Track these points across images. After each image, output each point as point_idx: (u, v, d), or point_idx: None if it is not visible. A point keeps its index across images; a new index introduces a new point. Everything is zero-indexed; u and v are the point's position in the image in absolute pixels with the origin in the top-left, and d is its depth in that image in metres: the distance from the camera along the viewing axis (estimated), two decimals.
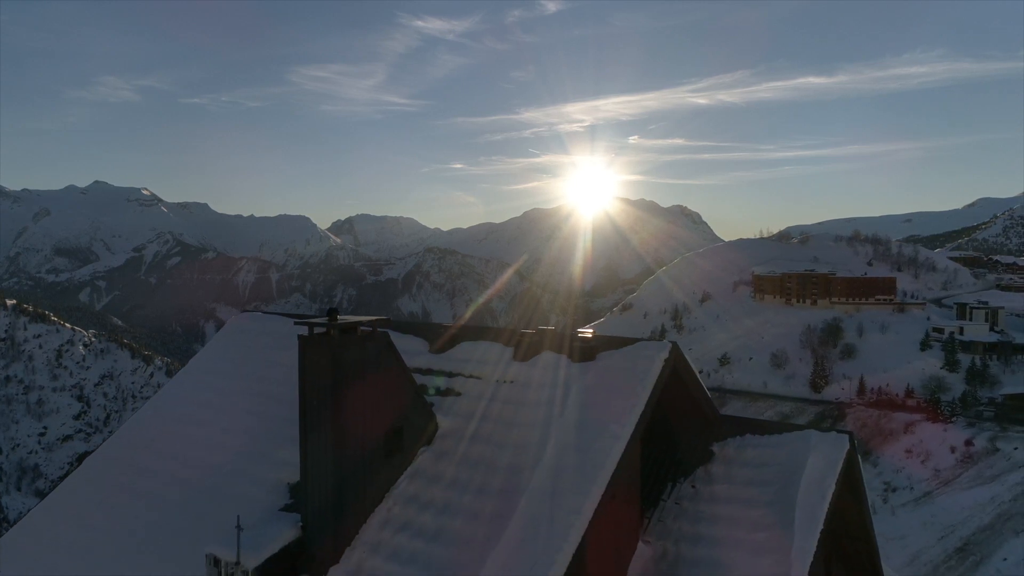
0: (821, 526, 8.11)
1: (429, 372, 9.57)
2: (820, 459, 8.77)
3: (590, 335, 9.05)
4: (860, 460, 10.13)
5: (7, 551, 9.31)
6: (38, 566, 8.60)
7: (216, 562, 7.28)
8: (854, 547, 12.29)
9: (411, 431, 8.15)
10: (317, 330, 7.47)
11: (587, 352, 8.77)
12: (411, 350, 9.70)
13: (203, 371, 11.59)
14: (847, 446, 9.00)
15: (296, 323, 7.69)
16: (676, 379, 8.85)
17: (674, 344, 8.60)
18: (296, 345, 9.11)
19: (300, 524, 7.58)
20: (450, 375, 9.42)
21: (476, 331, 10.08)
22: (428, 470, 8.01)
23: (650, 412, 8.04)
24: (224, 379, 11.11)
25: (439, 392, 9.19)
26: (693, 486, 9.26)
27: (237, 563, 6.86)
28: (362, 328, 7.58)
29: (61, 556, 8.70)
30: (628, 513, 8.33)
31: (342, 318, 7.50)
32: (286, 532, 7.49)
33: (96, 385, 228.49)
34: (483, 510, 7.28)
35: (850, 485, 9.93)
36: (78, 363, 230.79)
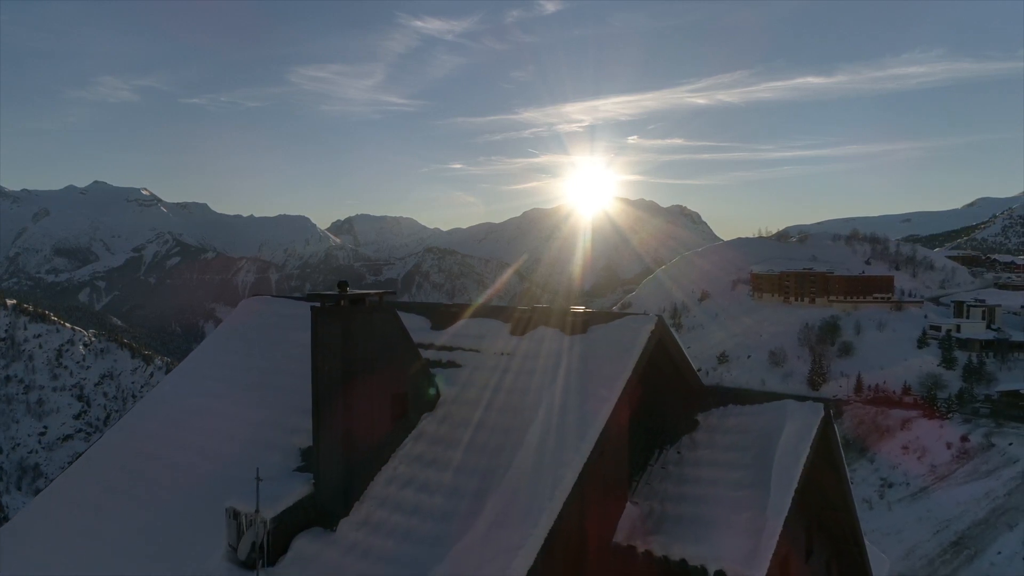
0: (796, 484, 8.72)
1: (431, 347, 10.18)
2: (796, 425, 9.39)
3: (583, 310, 9.67)
4: (837, 428, 10.74)
5: (39, 509, 9.91)
6: (71, 522, 9.22)
7: (236, 515, 7.90)
8: (835, 518, 12.92)
9: (415, 397, 8.77)
10: (328, 302, 8.08)
11: (579, 325, 9.39)
12: (413, 327, 10.28)
13: (216, 350, 12.21)
14: (822, 413, 9.60)
15: (309, 295, 8.29)
16: (662, 350, 9.46)
17: (659, 317, 9.22)
18: (304, 324, 9.72)
19: (313, 482, 8.19)
20: (451, 349, 10.04)
21: (475, 309, 10.70)
22: (431, 433, 8.62)
23: (637, 378, 8.66)
24: (237, 357, 11.72)
25: (442, 365, 9.81)
26: (679, 452, 9.88)
27: (256, 511, 7.47)
28: (370, 300, 8.20)
29: (88, 517, 9.31)
30: (616, 473, 8.94)
31: (351, 291, 8.11)
32: (300, 488, 8.11)
33: (96, 385, 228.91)
34: (481, 466, 7.90)
35: (826, 452, 10.54)
36: (78, 363, 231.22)
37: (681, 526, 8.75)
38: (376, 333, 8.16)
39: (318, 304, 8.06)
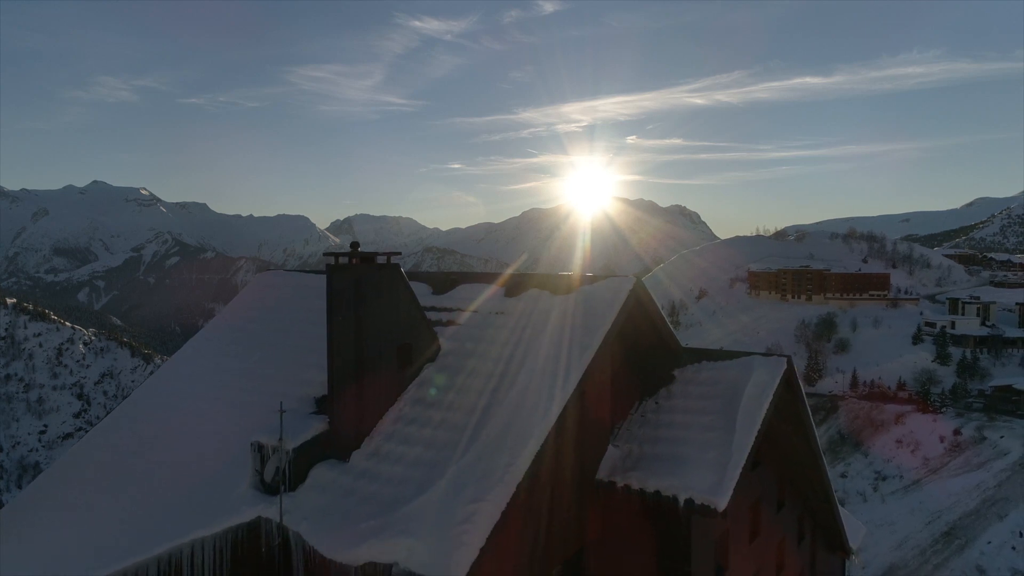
0: (758, 426, 9.76)
1: (432, 309, 11.20)
2: (761, 375, 10.43)
3: (569, 274, 10.70)
4: (802, 385, 11.75)
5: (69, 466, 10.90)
6: (113, 460, 10.24)
7: (260, 447, 8.93)
8: (804, 474, 13.98)
9: (418, 348, 9.79)
10: (341, 260, 9.10)
11: (566, 287, 10.42)
12: (417, 292, 11.27)
13: (235, 318, 13.22)
14: (784, 366, 10.65)
15: (325, 254, 9.29)
16: (641, 309, 10.48)
17: (638, 278, 10.25)
18: (315, 293, 10.73)
19: (328, 421, 9.21)
20: (450, 310, 11.07)
21: (472, 275, 11.73)
22: (433, 379, 9.64)
23: (617, 331, 9.68)
24: (253, 324, 12.73)
25: (441, 323, 10.82)
26: (656, 403, 10.92)
27: (280, 439, 8.49)
28: (378, 259, 9.21)
29: (126, 458, 10.33)
30: (598, 418, 9.95)
31: (362, 251, 9.13)
32: (317, 426, 9.14)
33: (96, 383, 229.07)
34: (476, 405, 8.93)
35: (791, 405, 11.58)
36: (78, 361, 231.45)
37: (656, 463, 9.79)
38: (384, 288, 9.17)
39: (333, 261, 9.08)
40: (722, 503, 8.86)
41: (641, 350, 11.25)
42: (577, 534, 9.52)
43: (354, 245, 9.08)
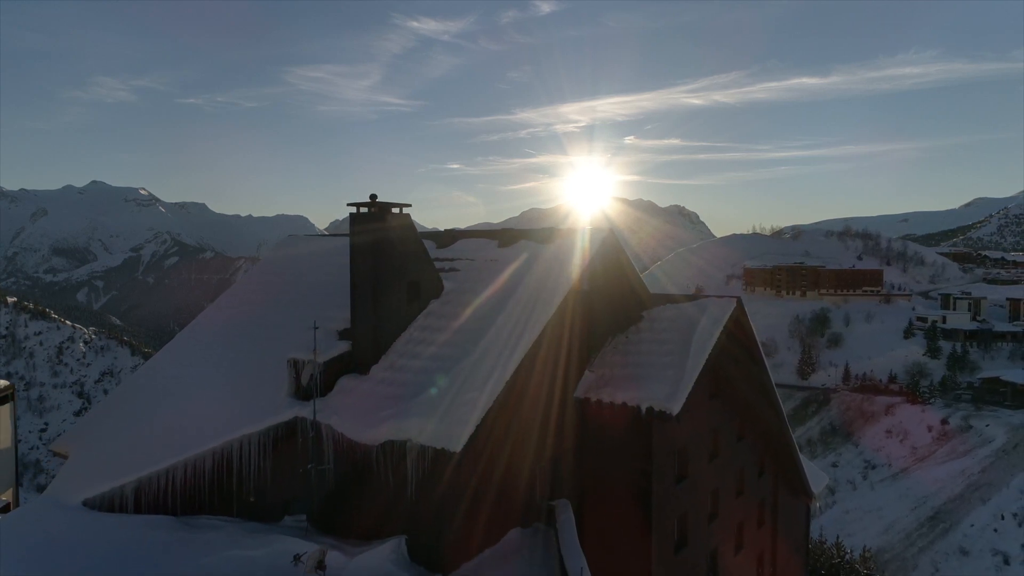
0: (709, 350, 11.67)
1: (436, 260, 13.10)
2: (714, 312, 12.37)
3: (554, 228, 12.62)
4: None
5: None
6: (170, 377, 12.14)
7: (296, 362, 10.84)
8: (762, 415, 15.87)
9: (426, 286, 11.70)
10: (362, 209, 10.99)
11: (550, 238, 12.34)
12: None
13: (262, 272, 15.12)
14: (734, 304, 12.57)
15: (348, 204, 11.17)
16: (614, 258, 12.41)
17: (612, 231, 12.16)
18: (336, 251, 12.62)
19: (351, 344, 11.11)
20: (452, 260, 12.98)
21: (470, 232, 13.65)
22: (437, 312, 11.56)
23: (591, 271, 11.59)
24: (279, 277, 14.63)
25: (444, 272, 12.73)
26: (626, 337, 12.84)
27: (314, 350, 10.39)
28: (393, 209, 11.11)
29: (178, 380, 12.23)
30: (574, 340, 11.85)
31: (379, 202, 11.02)
32: (342, 346, 11.04)
33: (96, 382, 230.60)
34: (471, 329, 10.83)
35: (742, 342, 13.49)
36: (79, 360, 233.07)
37: (623, 382, 11.71)
38: (398, 233, 11.07)
39: (355, 211, 10.97)
40: (675, 408, 10.77)
41: (615, 297, 13.16)
42: (560, 440, 11.43)
43: (373, 196, 10.97)
